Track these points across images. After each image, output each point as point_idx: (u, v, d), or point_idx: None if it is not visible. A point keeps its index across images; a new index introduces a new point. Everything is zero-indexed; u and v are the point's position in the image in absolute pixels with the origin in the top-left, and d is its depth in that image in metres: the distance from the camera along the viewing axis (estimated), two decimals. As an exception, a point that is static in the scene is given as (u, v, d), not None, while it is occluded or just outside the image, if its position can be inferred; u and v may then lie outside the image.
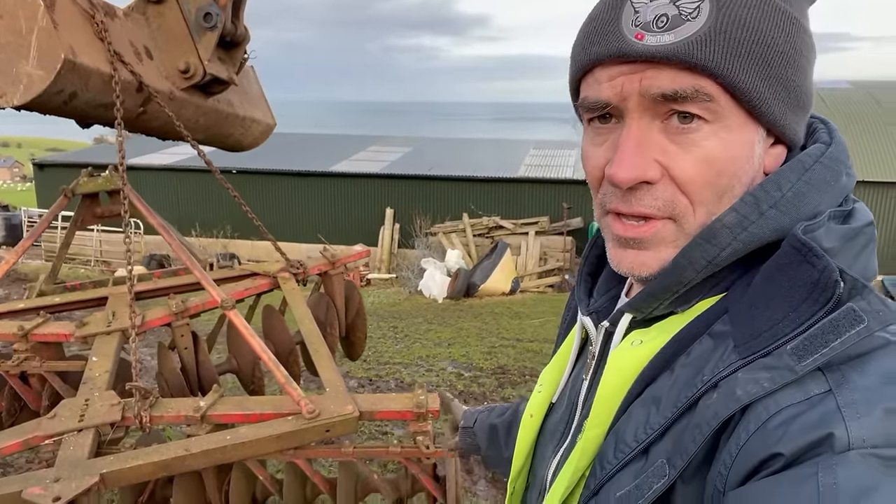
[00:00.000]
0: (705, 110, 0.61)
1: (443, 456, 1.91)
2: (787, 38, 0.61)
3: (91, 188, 2.53)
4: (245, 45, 2.46)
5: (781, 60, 0.61)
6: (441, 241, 17.10)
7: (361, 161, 20.32)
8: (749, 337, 0.58)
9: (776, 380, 0.54)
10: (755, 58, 0.60)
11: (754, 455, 0.52)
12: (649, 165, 0.63)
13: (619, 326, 0.73)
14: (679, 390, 0.61)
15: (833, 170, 0.64)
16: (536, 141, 23.72)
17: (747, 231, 0.62)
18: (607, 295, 0.83)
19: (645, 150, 0.63)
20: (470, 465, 1.39)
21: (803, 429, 0.51)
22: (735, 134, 0.62)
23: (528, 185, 18.04)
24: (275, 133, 3.16)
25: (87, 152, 23.62)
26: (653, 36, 0.60)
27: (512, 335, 9.49)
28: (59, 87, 1.78)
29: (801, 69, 0.63)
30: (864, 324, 0.52)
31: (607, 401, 0.69)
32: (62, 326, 2.31)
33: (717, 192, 0.63)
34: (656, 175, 0.63)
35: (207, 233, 18.64)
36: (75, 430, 1.84)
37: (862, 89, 19.45)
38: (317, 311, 2.76)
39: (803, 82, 0.64)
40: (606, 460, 0.65)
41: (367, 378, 6.65)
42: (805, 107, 0.66)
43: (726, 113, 0.61)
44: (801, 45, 0.62)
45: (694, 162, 0.62)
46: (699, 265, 0.64)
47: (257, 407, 1.95)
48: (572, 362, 0.86)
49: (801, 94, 0.64)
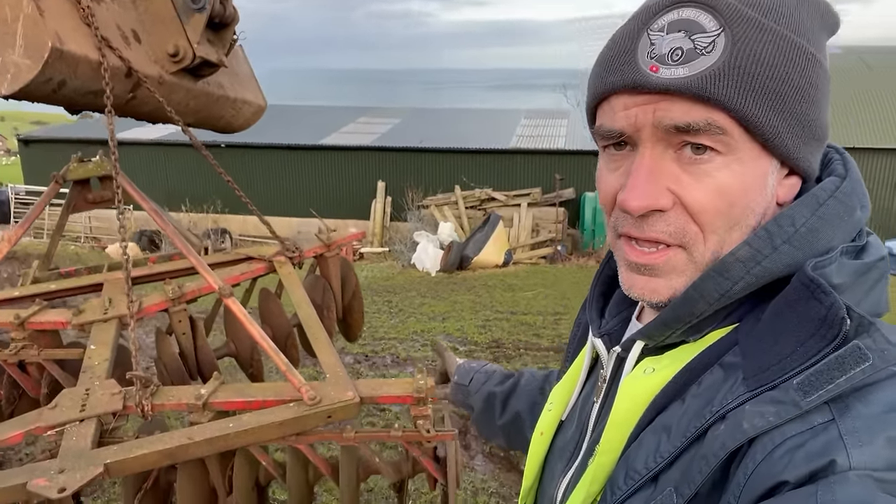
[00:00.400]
0: (718, 143, 0.62)
1: (443, 439, 1.94)
2: (803, 73, 0.62)
3: (82, 174, 2.50)
4: (234, 26, 2.41)
5: (796, 95, 0.61)
6: (433, 214, 17.07)
7: (351, 133, 20.15)
8: (758, 370, 0.59)
9: (781, 414, 0.55)
10: (769, 93, 0.61)
11: (762, 484, 0.54)
12: (661, 194, 0.65)
13: (632, 354, 0.74)
14: (689, 420, 0.62)
15: (847, 204, 0.65)
16: (528, 110, 23.55)
17: (760, 265, 0.63)
18: (619, 317, 0.84)
19: (657, 178, 0.65)
20: (467, 441, 1.43)
21: (807, 457, 0.52)
22: (748, 166, 0.64)
23: (520, 156, 17.99)
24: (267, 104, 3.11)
25: (72, 127, 23.27)
26: (667, 69, 0.62)
27: (506, 308, 9.55)
28: (48, 76, 1.74)
29: (816, 103, 0.63)
30: (868, 362, 0.53)
31: (619, 427, 0.70)
32: (59, 314, 2.30)
33: (729, 223, 0.65)
34: (668, 203, 0.65)
35: (197, 208, 18.51)
36: (77, 421, 1.85)
37: (853, 54, 19.38)
38: (313, 294, 2.76)
39: (818, 116, 0.64)
40: (617, 486, 0.67)
41: (363, 354, 6.70)
42: (820, 139, 0.66)
43: (739, 146, 0.63)
44: (816, 80, 0.63)
45: (706, 192, 0.64)
46: (711, 298, 0.65)
47: (259, 394, 1.96)
48: (582, 382, 0.88)
49: (815, 127, 0.64)
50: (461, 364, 1.44)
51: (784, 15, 0.62)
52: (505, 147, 18.00)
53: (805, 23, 0.63)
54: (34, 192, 19.38)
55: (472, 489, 3.84)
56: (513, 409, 1.28)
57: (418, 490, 3.76)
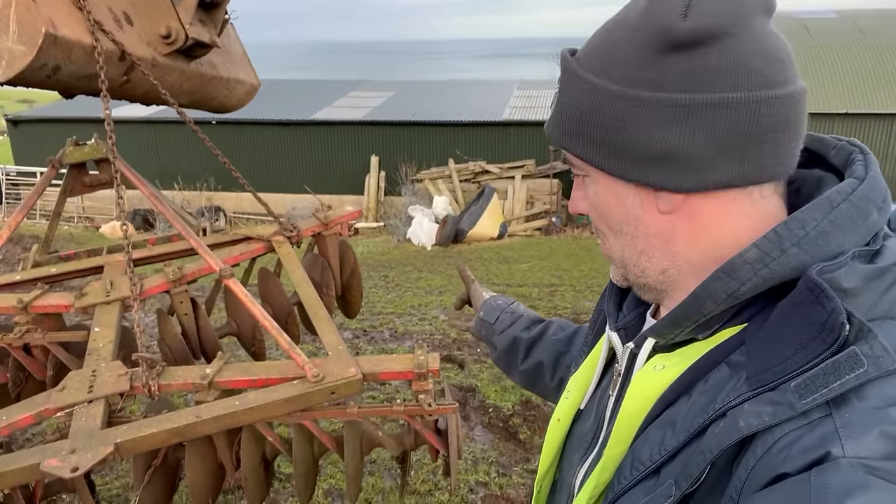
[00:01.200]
0: (578, 169, 0.79)
1: (444, 412, 1.99)
2: (601, 109, 0.70)
3: (78, 158, 2.50)
4: (226, 6, 2.39)
5: (599, 129, 0.71)
6: (427, 188, 17.03)
7: (343, 108, 19.97)
8: (760, 370, 0.62)
9: (777, 415, 0.57)
10: (576, 131, 0.74)
11: (762, 477, 0.57)
12: (580, 202, 0.83)
13: (643, 350, 0.78)
14: (694, 416, 0.65)
15: (861, 209, 0.65)
16: (520, 81, 23.35)
17: (768, 268, 0.64)
18: (635, 311, 0.88)
19: (578, 190, 0.83)
20: (466, 412, 1.46)
21: (804, 450, 0.55)
22: (601, 186, 0.77)
23: (513, 128, 17.89)
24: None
25: (60, 106, 22.93)
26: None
27: (502, 280, 9.61)
28: (42, 61, 1.74)
29: (627, 131, 0.69)
30: (863, 368, 0.55)
31: (629, 421, 0.74)
32: (61, 297, 2.32)
33: (610, 228, 0.80)
34: (584, 209, 0.83)
35: (190, 185, 18.40)
36: (85, 402, 1.88)
37: (847, 18, 19.22)
38: (312, 273, 2.78)
39: (637, 140, 0.69)
40: (623, 476, 0.71)
41: (362, 329, 6.75)
42: (657, 159, 0.69)
43: (588, 171, 0.78)
44: (622, 112, 0.68)
45: (586, 203, 0.82)
46: (719, 298, 0.67)
47: (262, 372, 2.00)
48: (599, 373, 0.91)
49: (637, 150, 0.69)
50: (488, 299, 1.45)
51: (598, 60, 0.72)
52: (498, 119, 17.91)
53: (623, 59, 0.69)
54: (25, 173, 19.21)
55: (472, 459, 3.93)
56: (536, 358, 1.30)
57: (420, 461, 3.84)
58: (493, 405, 4.55)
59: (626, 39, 0.69)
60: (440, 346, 5.96)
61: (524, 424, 4.29)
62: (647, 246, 0.76)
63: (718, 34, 0.64)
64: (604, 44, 0.72)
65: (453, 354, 5.62)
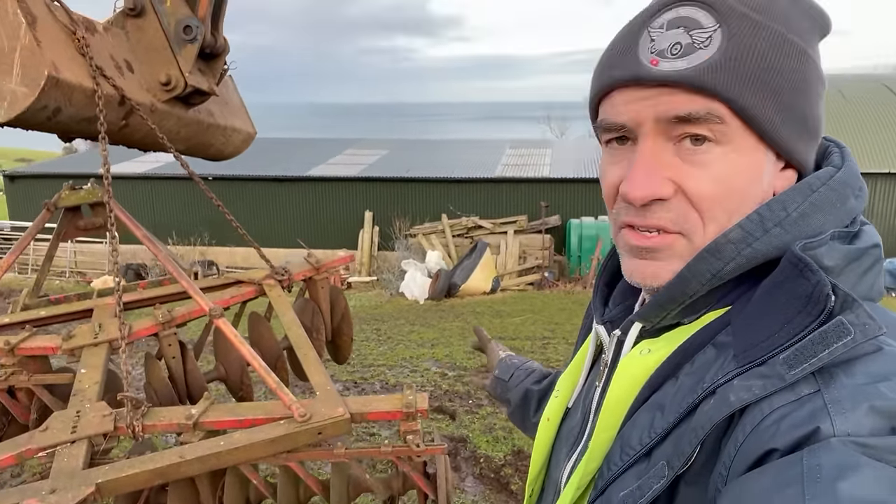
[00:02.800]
0: (716, 132, 0.65)
1: (433, 454, 1.96)
2: (795, 67, 0.65)
3: (73, 201, 2.54)
4: (225, 56, 2.48)
5: (789, 88, 0.65)
6: (421, 243, 17.14)
7: (339, 165, 20.28)
8: (747, 347, 0.62)
9: (767, 387, 0.58)
10: (764, 84, 0.64)
11: (752, 453, 0.56)
12: (662, 184, 0.67)
13: (630, 336, 0.77)
14: (682, 397, 0.65)
15: (840, 193, 0.67)
16: (513, 140, 23.87)
17: (751, 247, 0.65)
18: (622, 305, 0.87)
19: (657, 169, 0.67)
20: (457, 463, 1.45)
21: (793, 425, 0.55)
22: (744, 156, 0.66)
23: (505, 184, 18.16)
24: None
25: (57, 162, 23.25)
26: (667, 62, 0.65)
27: (494, 334, 9.57)
28: (43, 103, 1.80)
29: (809, 98, 0.67)
30: (850, 336, 0.55)
31: (616, 406, 0.73)
32: (49, 339, 2.31)
33: (728, 211, 0.67)
34: (668, 192, 0.68)
35: (185, 240, 18.45)
36: (68, 442, 1.86)
37: (829, 84, 19.86)
38: (303, 317, 2.79)
39: (812, 110, 0.68)
40: (613, 462, 0.70)
41: (352, 381, 6.67)
42: (814, 134, 0.69)
43: (736, 136, 0.66)
44: (809, 76, 0.66)
45: (706, 180, 0.66)
46: (703, 278, 0.67)
47: (249, 412, 1.98)
48: (587, 369, 0.90)
49: (809, 121, 0.68)
50: (503, 358, 1.45)
51: (777, 13, 0.66)
52: (491, 176, 18.21)
53: (798, 22, 0.67)
54: (19, 228, 19.25)
55: (463, 513, 3.83)
56: None
57: (409, 512, 3.74)
58: (484, 455, 4.46)
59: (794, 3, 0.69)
60: (432, 397, 5.88)
61: (516, 475, 4.20)
62: None
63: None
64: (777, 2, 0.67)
65: (444, 405, 5.55)
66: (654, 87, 0.66)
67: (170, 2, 2.15)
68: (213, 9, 2.26)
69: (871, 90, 19.07)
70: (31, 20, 1.75)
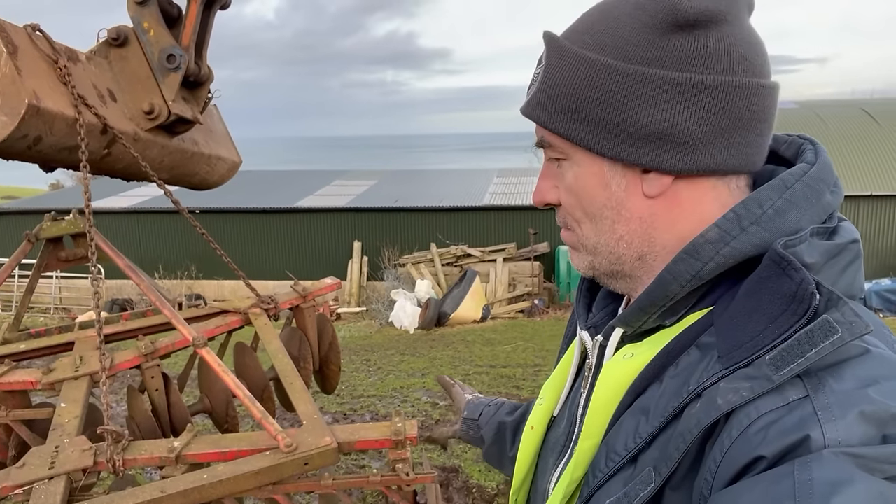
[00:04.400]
0: (557, 153, 0.76)
1: (423, 482, 1.92)
2: (600, 85, 0.69)
3: (55, 232, 2.50)
4: (209, 85, 2.48)
5: (593, 105, 0.70)
6: (410, 272, 17.10)
7: (327, 196, 20.30)
8: (732, 348, 0.61)
9: (755, 389, 0.56)
10: (565, 109, 0.72)
11: (738, 459, 0.55)
12: (548, 191, 0.80)
13: (611, 340, 0.77)
14: (667, 400, 0.64)
15: (814, 188, 0.67)
16: (500, 169, 24.04)
17: (729, 246, 0.65)
18: (605, 310, 0.87)
19: (545, 179, 0.80)
20: (449, 494, 1.40)
21: (782, 432, 0.54)
22: (584, 168, 0.74)
23: (493, 212, 18.23)
24: (238, 171, 3.17)
25: (42, 198, 23.12)
26: (526, 96, 0.78)
27: (485, 362, 9.49)
28: (24, 131, 1.78)
29: (628, 109, 0.68)
30: (837, 334, 0.55)
31: (600, 412, 0.72)
32: (28, 373, 2.26)
33: (587, 214, 0.76)
34: (554, 199, 0.79)
35: (171, 274, 18.29)
36: (46, 479, 1.79)
37: (808, 109, 20.27)
38: (290, 346, 2.75)
39: (637, 118, 0.68)
40: (598, 469, 0.68)
41: (342, 412, 6.57)
42: (652, 137, 0.68)
43: (570, 153, 0.75)
44: (622, 88, 0.68)
45: (563, 189, 0.78)
46: (683, 279, 0.67)
47: (233, 444, 1.93)
48: (572, 376, 0.89)
49: (636, 128, 0.68)
50: (470, 399, 1.41)
51: (594, 36, 0.70)
52: (479, 204, 18.29)
53: (623, 37, 0.68)
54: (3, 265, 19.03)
55: (456, 546, 3.74)
56: None
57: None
58: (476, 485, 4.38)
59: (628, 16, 0.69)
60: (423, 427, 5.79)
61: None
62: (627, 231, 0.74)
63: (718, 19, 0.66)
64: (601, 21, 0.71)
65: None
66: None
67: (153, 31, 2.15)
68: (196, 37, 2.27)
69: (850, 115, 19.44)
70: (11, 49, 1.74)
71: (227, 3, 2.37)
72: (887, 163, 17.13)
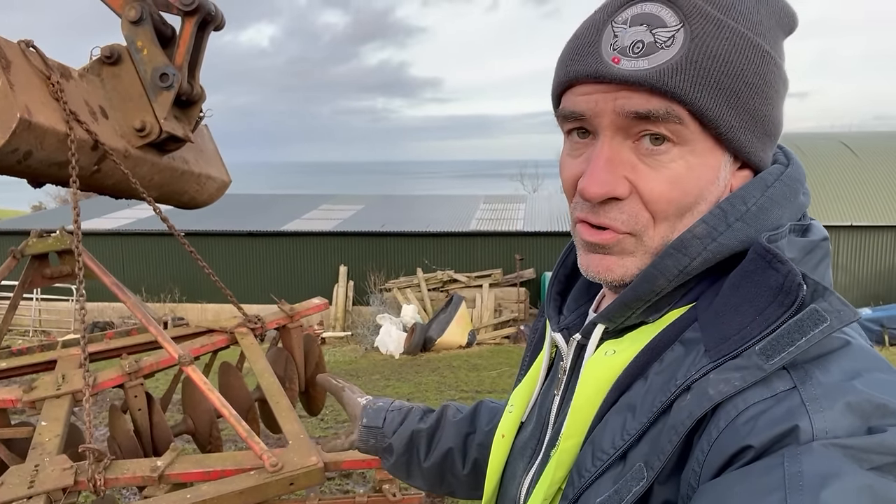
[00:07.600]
0: (674, 133, 0.65)
1: (410, 503, 1.90)
2: (757, 70, 0.65)
3: (41, 248, 2.49)
4: (201, 104, 2.50)
5: (749, 91, 0.65)
6: (396, 297, 17.05)
7: (313, 220, 20.27)
8: (719, 341, 0.61)
9: (747, 378, 0.57)
10: (723, 88, 0.64)
11: (726, 450, 0.55)
12: (618, 182, 0.67)
13: (592, 338, 0.75)
14: (654, 396, 0.63)
15: (791, 188, 0.70)
16: (486, 196, 24.19)
17: (716, 241, 0.66)
18: (577, 312, 0.86)
19: (615, 166, 0.67)
20: None
21: (770, 422, 0.54)
22: (701, 158, 0.66)
23: (480, 238, 18.28)
24: (225, 194, 3.17)
25: (24, 219, 22.88)
26: (628, 61, 0.64)
27: (471, 387, 9.44)
28: (14, 146, 1.78)
29: (769, 100, 0.67)
30: (826, 322, 0.56)
31: (582, 410, 0.70)
32: (9, 392, 2.22)
33: (680, 211, 0.67)
34: (624, 192, 0.67)
35: (154, 297, 18.09)
36: (24, 498, 1.76)
37: (790, 141, 20.71)
38: (276, 366, 2.73)
39: (771, 112, 0.68)
40: (585, 469, 0.67)
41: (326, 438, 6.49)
42: (772, 135, 0.70)
43: (694, 138, 0.65)
44: (770, 78, 0.66)
45: (661, 181, 0.66)
46: (671, 274, 0.67)
47: (218, 463, 1.91)
48: (542, 380, 0.87)
49: (768, 123, 0.68)
50: (366, 404, 1.22)
51: (742, 13, 0.65)
52: (465, 230, 18.34)
53: (762, 21, 0.67)
54: (-18, 286, 18.71)
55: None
56: (442, 446, 1.13)
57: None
58: (463, 511, 4.33)
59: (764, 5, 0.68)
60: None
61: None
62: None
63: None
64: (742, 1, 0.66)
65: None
66: (615, 84, 0.66)
67: (147, 50, 2.18)
68: (190, 57, 2.29)
69: (830, 148, 19.87)
70: (4, 64, 1.75)
71: (221, 25, 2.40)
72: (867, 194, 17.46)
